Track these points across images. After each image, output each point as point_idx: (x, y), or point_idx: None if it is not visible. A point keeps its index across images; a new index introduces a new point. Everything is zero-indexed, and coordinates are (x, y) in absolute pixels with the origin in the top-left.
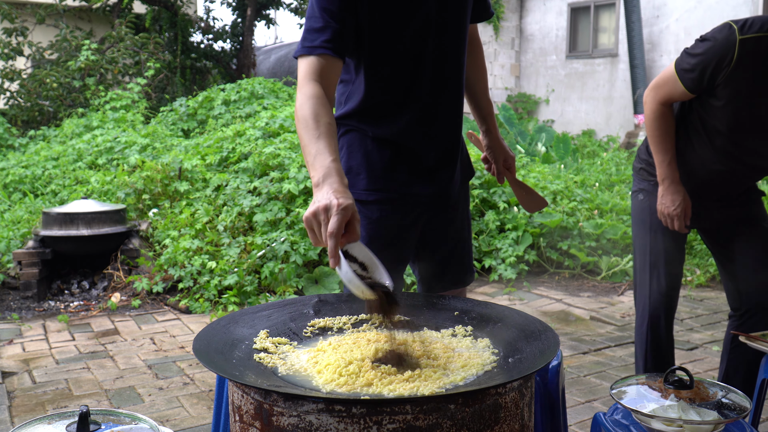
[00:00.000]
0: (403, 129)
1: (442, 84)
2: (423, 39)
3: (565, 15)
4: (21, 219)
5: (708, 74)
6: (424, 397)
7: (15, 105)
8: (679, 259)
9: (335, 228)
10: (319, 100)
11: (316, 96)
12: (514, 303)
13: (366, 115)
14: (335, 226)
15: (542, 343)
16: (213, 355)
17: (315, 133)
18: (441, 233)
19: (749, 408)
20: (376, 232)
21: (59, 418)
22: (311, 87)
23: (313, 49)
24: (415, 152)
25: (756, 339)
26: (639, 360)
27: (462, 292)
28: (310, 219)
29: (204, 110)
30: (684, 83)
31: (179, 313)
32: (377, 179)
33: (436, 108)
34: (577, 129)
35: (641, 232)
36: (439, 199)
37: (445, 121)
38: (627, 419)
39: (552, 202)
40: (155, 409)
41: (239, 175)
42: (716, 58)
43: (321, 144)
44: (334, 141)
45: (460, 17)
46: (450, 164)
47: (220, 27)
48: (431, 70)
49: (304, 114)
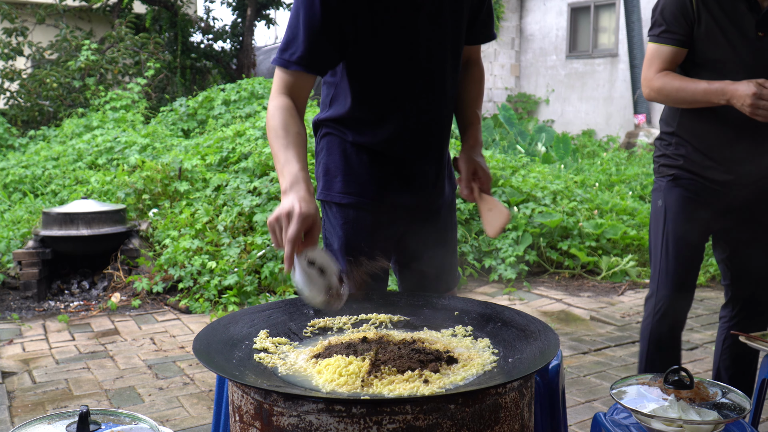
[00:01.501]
0: (385, 140)
1: (429, 102)
2: (410, 57)
3: (565, 15)
4: (21, 219)
5: (678, 17)
6: (424, 397)
7: (15, 105)
8: (696, 266)
9: (293, 234)
10: (289, 111)
11: (286, 107)
12: (514, 303)
13: (348, 123)
14: (294, 232)
15: (542, 343)
16: (213, 355)
17: (284, 142)
18: (422, 242)
19: (749, 408)
20: (352, 235)
21: (59, 418)
22: (282, 99)
23: (288, 64)
24: (396, 162)
25: (756, 339)
26: (642, 362)
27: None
28: (273, 223)
29: (204, 110)
30: (666, 41)
31: (179, 313)
32: (353, 183)
33: (420, 124)
34: (577, 129)
35: (656, 239)
36: (418, 209)
37: (429, 136)
38: (627, 419)
39: (552, 202)
40: (155, 409)
41: (239, 175)
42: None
43: (289, 153)
44: (302, 150)
45: (452, 37)
46: (433, 176)
47: (220, 27)
48: (419, 87)
49: (275, 124)
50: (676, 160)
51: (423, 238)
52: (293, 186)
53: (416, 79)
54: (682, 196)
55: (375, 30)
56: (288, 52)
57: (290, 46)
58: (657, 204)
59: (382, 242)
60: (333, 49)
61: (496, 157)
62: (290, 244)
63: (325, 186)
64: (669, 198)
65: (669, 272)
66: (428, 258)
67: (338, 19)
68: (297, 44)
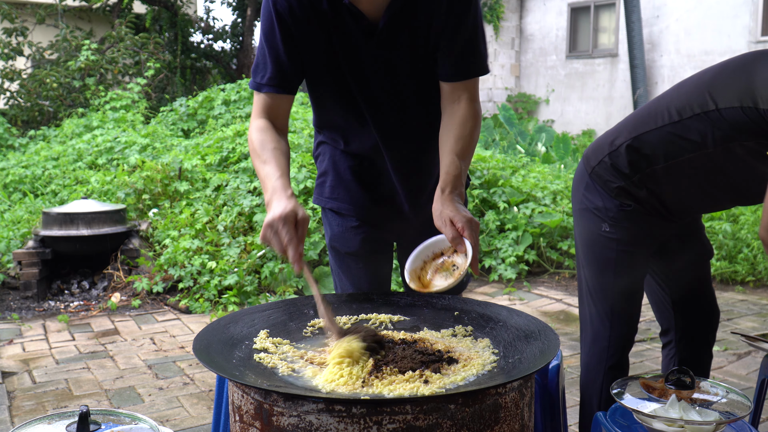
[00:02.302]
0: (357, 152)
1: (392, 124)
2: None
3: (565, 15)
4: (21, 219)
5: None
6: (424, 397)
7: (15, 105)
8: (640, 299)
9: (289, 236)
10: (264, 131)
11: (262, 128)
12: (514, 303)
13: (330, 132)
14: (287, 234)
15: (542, 343)
16: (213, 355)
17: (262, 160)
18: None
19: (749, 408)
20: (341, 237)
21: (59, 418)
22: (258, 122)
23: (260, 86)
24: (378, 170)
25: (756, 339)
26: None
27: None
28: (266, 237)
29: (204, 110)
30: None
31: (179, 313)
32: (339, 188)
33: (387, 144)
34: (577, 129)
35: (599, 274)
36: (403, 216)
37: (401, 156)
38: (627, 419)
39: (552, 202)
40: (155, 409)
41: (239, 175)
42: None
43: (267, 168)
44: (280, 161)
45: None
46: (416, 189)
47: (220, 27)
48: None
49: (253, 146)
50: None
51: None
52: (273, 195)
53: (364, 99)
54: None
55: (322, 55)
56: (258, 75)
57: (259, 70)
58: (602, 228)
59: (375, 244)
60: (298, 69)
61: (496, 157)
62: (291, 245)
63: (317, 191)
64: (623, 230)
65: (616, 312)
66: None
67: (295, 43)
68: (265, 67)
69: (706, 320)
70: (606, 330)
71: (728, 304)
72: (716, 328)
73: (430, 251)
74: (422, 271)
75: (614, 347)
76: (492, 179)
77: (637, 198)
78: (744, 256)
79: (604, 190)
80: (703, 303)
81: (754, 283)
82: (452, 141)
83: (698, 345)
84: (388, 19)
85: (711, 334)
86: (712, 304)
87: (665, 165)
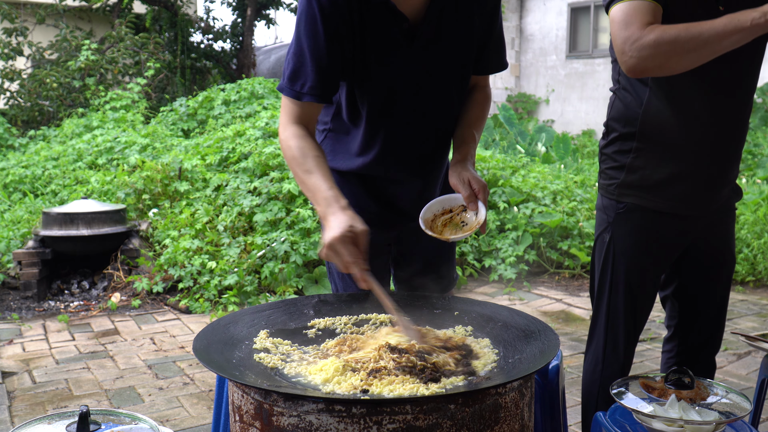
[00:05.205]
0: (370, 162)
1: (418, 126)
2: (396, 86)
3: (565, 15)
4: (21, 219)
5: None
6: (424, 397)
7: (15, 105)
8: (646, 314)
9: (352, 255)
10: (303, 138)
11: (300, 135)
12: (514, 303)
13: (340, 131)
14: (350, 254)
15: (542, 343)
16: (213, 355)
17: (305, 169)
18: (414, 248)
19: (749, 408)
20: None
21: (59, 418)
22: (294, 128)
23: (300, 95)
24: (382, 173)
25: (756, 339)
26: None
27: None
28: (328, 254)
29: (204, 110)
30: None
31: (179, 313)
32: (341, 189)
33: (410, 146)
34: (577, 129)
35: (603, 285)
36: (404, 217)
37: (417, 160)
38: (627, 419)
39: (552, 202)
40: (155, 409)
41: (239, 175)
42: None
43: (314, 177)
44: (325, 170)
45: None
46: (419, 189)
47: (220, 27)
48: (408, 113)
49: (293, 154)
50: (632, 173)
51: (414, 243)
52: (327, 208)
53: (407, 103)
54: (635, 233)
55: (370, 52)
56: (298, 83)
57: (299, 77)
58: (603, 239)
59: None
60: (338, 74)
61: (496, 157)
62: (355, 266)
63: None
64: (616, 234)
65: (618, 325)
66: (421, 262)
67: (341, 49)
68: (306, 74)
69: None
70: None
71: (728, 304)
72: (719, 345)
73: (440, 206)
74: (432, 222)
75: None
76: (492, 179)
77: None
78: (744, 256)
79: (602, 191)
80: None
81: (754, 283)
82: (471, 117)
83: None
84: (431, 20)
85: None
86: (721, 320)
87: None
